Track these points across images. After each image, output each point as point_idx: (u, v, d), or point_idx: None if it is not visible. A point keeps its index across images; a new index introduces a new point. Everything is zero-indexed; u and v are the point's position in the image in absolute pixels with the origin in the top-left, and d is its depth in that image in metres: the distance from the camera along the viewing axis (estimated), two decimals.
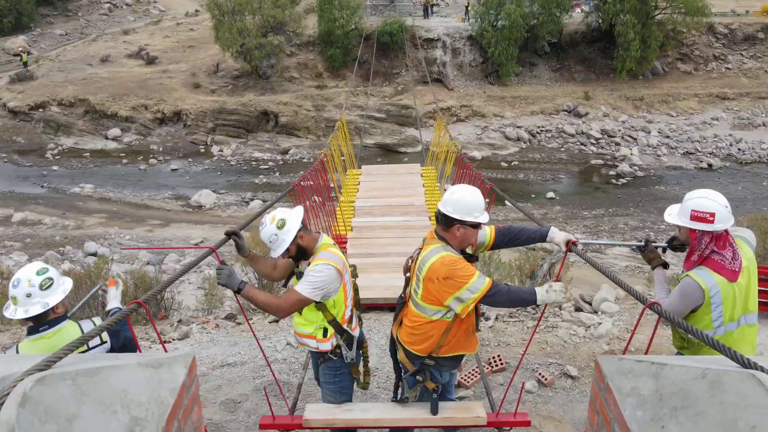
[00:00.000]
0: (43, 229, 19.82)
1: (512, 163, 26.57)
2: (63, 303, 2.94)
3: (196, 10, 41.82)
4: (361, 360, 3.70)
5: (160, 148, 27.96)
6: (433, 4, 35.53)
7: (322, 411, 3.59)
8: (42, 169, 25.79)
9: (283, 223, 3.14)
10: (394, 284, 6.33)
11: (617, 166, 25.94)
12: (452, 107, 29.17)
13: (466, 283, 2.99)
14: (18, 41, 37.07)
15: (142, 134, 28.84)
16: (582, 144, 28.11)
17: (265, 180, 24.88)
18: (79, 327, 2.97)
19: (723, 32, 32.51)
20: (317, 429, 3.58)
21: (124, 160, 26.84)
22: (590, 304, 6.66)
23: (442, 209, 3.13)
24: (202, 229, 19.63)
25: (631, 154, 26.97)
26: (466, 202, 3.08)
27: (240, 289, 3.07)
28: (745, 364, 1.66)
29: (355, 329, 3.53)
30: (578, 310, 6.59)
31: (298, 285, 3.21)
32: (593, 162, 26.79)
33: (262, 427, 3.65)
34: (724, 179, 25.07)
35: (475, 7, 31.79)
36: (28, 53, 34.88)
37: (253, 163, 26.65)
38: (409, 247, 7.42)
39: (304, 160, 26.51)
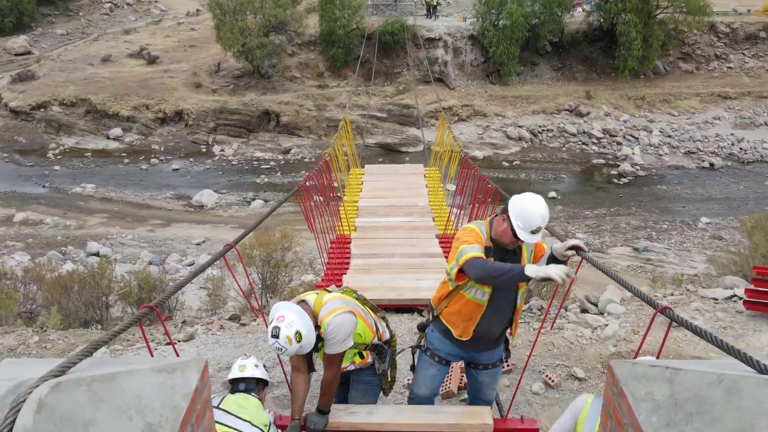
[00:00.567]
0: (45, 229, 19.83)
1: (514, 163, 26.55)
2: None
3: (198, 10, 41.74)
4: (389, 362, 3.82)
5: (162, 148, 27.95)
6: (437, 5, 35.43)
7: None
8: (43, 169, 25.78)
9: (300, 335, 3.12)
10: (399, 285, 6.32)
11: (619, 166, 25.91)
12: (454, 107, 29.13)
13: (459, 247, 3.22)
14: (19, 41, 37.04)
15: (144, 134, 28.82)
16: (584, 143, 28.08)
17: (266, 180, 24.86)
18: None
19: (725, 31, 32.44)
20: None
21: (126, 160, 26.82)
22: (596, 306, 6.65)
23: (513, 197, 3.28)
24: (204, 229, 19.64)
25: (633, 154, 26.93)
26: (524, 207, 3.15)
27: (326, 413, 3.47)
28: (762, 369, 1.65)
29: (384, 334, 3.73)
30: (584, 311, 6.58)
31: (328, 349, 3.32)
32: (595, 161, 26.76)
33: None
34: (725, 179, 25.05)
35: (476, 6, 31.76)
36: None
37: (255, 163, 26.64)
38: (413, 248, 7.46)
39: (306, 160, 26.49)
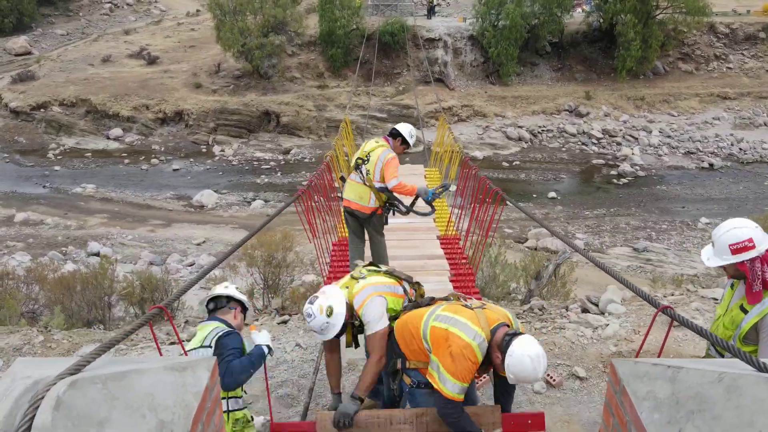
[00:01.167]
0: (46, 230, 19.85)
1: (513, 163, 26.59)
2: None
3: (198, 10, 41.77)
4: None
5: (162, 148, 27.97)
6: (436, 5, 35.51)
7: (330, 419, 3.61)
8: (44, 169, 25.80)
9: (332, 310, 3.18)
10: None
11: (618, 166, 25.96)
12: (453, 107, 29.17)
13: (443, 368, 3.15)
14: (19, 41, 37.07)
15: (144, 134, 28.84)
16: (583, 144, 28.13)
17: (266, 180, 24.89)
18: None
19: (724, 32, 32.50)
20: None
21: (126, 160, 26.85)
22: (597, 306, 6.69)
23: (515, 347, 2.94)
24: (204, 229, 19.67)
25: (633, 154, 26.98)
26: (523, 369, 2.89)
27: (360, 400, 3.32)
28: (761, 368, 1.68)
29: (411, 293, 3.69)
30: (585, 311, 6.61)
31: (368, 329, 3.31)
32: (594, 162, 26.80)
33: None
34: (725, 179, 25.10)
35: (476, 7, 31.81)
36: None
37: (255, 163, 26.67)
38: (414, 250, 7.48)
39: (306, 160, 26.53)
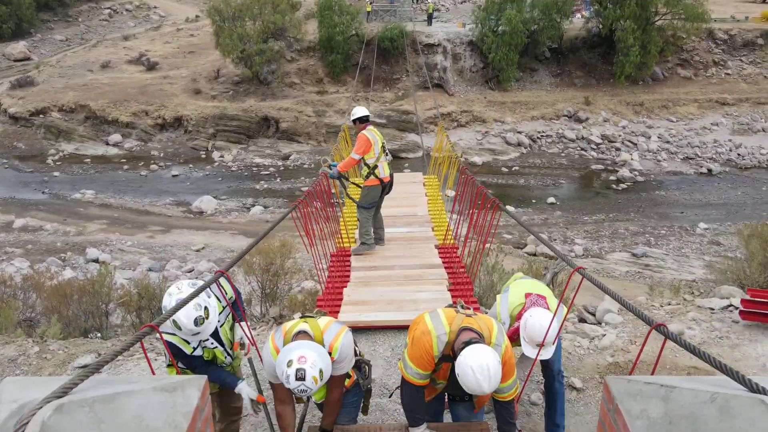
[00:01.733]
0: (45, 236, 19.82)
1: (513, 169, 26.61)
2: None
3: (197, 16, 41.91)
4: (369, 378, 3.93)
5: (161, 154, 27.98)
6: (435, 10, 35.59)
7: None
8: (43, 175, 25.80)
9: (323, 374, 3.15)
10: (398, 298, 6.34)
11: (617, 171, 25.97)
12: (453, 112, 29.21)
13: (407, 355, 3.51)
14: (18, 47, 37.14)
15: (143, 140, 28.85)
16: (582, 149, 28.16)
17: (266, 186, 24.89)
18: None
19: (723, 38, 32.58)
20: None
21: (125, 166, 26.85)
22: (594, 315, 6.67)
23: (463, 357, 3.12)
24: (204, 235, 19.64)
25: (632, 159, 27.00)
26: (468, 378, 3.04)
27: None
28: (753, 388, 1.67)
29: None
30: (582, 321, 6.59)
31: (337, 371, 3.40)
32: (594, 167, 26.83)
33: None
34: (723, 184, 25.12)
35: (475, 12, 31.88)
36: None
37: (254, 169, 26.67)
38: (413, 260, 7.48)
39: (305, 166, 26.54)
